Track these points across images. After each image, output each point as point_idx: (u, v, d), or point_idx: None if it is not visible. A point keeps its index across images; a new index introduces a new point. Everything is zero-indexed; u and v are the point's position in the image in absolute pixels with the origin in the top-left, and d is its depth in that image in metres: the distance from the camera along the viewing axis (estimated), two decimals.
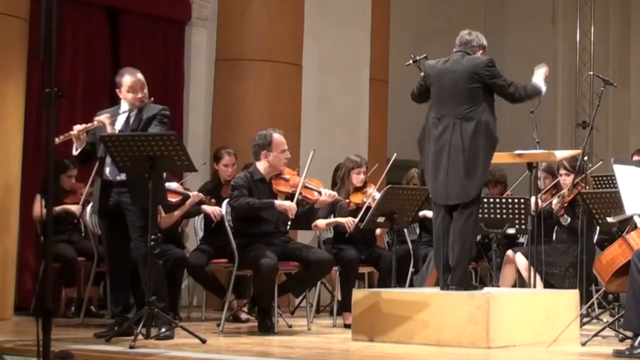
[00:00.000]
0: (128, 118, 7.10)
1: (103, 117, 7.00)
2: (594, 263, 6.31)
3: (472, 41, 7.07)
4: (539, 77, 7.08)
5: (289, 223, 7.70)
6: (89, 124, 7.01)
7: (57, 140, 6.81)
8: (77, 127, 6.96)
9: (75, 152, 7.06)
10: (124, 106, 7.13)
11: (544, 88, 7.07)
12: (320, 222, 8.27)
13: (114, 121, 7.05)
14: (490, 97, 6.94)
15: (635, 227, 6.38)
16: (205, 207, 8.47)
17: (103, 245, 7.33)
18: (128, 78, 7.13)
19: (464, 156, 6.79)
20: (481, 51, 7.09)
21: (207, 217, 8.56)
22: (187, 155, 6.74)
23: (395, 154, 8.62)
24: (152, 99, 7.17)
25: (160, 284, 6.94)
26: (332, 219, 8.36)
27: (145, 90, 7.14)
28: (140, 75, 7.15)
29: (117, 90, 7.19)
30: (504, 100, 7.03)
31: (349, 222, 8.25)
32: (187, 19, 10.68)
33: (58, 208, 8.61)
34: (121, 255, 7.10)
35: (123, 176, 6.97)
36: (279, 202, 7.45)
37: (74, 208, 8.75)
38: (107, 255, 7.20)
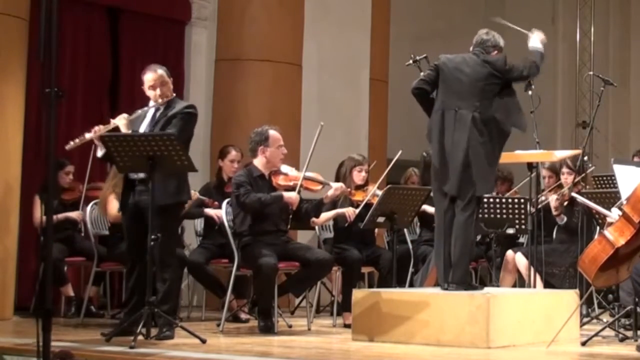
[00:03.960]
0: (154, 115, 7.09)
1: (118, 119, 6.98)
2: (578, 262, 6.33)
3: (489, 41, 7.14)
4: (535, 40, 7.18)
5: (290, 217, 7.68)
6: (106, 126, 6.96)
7: (70, 144, 6.84)
8: (95, 129, 6.88)
9: (99, 154, 6.99)
10: (152, 104, 7.14)
11: (542, 49, 7.20)
12: (318, 219, 8.25)
13: (135, 120, 7.02)
14: (506, 95, 6.98)
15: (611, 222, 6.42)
16: (208, 210, 8.46)
17: (125, 241, 7.29)
18: (149, 75, 7.14)
19: (479, 151, 6.80)
20: (496, 51, 7.13)
21: (208, 218, 8.57)
22: (187, 155, 6.74)
23: (400, 152, 8.57)
24: (175, 94, 7.18)
25: (175, 285, 6.95)
26: (332, 212, 8.34)
27: (167, 86, 7.14)
28: (160, 71, 7.16)
29: (142, 87, 7.20)
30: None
31: (349, 211, 8.24)
32: (187, 19, 10.68)
33: (60, 216, 8.61)
34: (142, 253, 7.06)
35: (143, 175, 6.95)
36: (287, 195, 7.47)
37: (75, 215, 8.73)
38: (128, 252, 7.17)
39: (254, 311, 7.87)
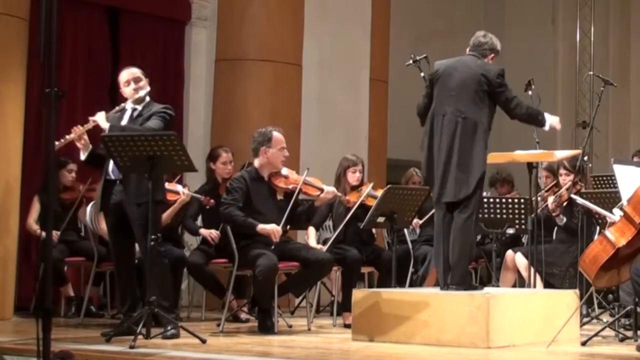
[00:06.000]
0: (132, 115, 7.15)
1: (97, 116, 7.04)
2: (578, 262, 6.33)
3: (486, 44, 7.06)
4: (549, 117, 7.11)
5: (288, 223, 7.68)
6: (86, 125, 7.04)
7: (56, 144, 6.86)
8: (75, 130, 6.98)
9: (82, 157, 7.12)
10: (129, 104, 7.20)
11: (547, 124, 7.09)
12: (311, 240, 8.28)
13: (115, 118, 7.08)
14: (493, 104, 6.95)
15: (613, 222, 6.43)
16: (202, 230, 8.44)
17: (109, 242, 7.35)
18: (124, 73, 7.27)
19: (460, 155, 6.79)
20: (492, 54, 7.08)
21: (206, 221, 8.55)
22: (187, 155, 6.76)
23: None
24: (149, 88, 7.23)
25: (166, 282, 6.96)
26: (311, 240, 8.34)
27: (142, 83, 7.21)
28: (134, 69, 7.27)
29: (120, 91, 7.29)
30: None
31: (320, 248, 8.20)
32: (187, 19, 10.69)
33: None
34: (126, 252, 7.12)
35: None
36: (262, 226, 7.39)
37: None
38: (113, 252, 7.25)
39: (254, 311, 7.86)
